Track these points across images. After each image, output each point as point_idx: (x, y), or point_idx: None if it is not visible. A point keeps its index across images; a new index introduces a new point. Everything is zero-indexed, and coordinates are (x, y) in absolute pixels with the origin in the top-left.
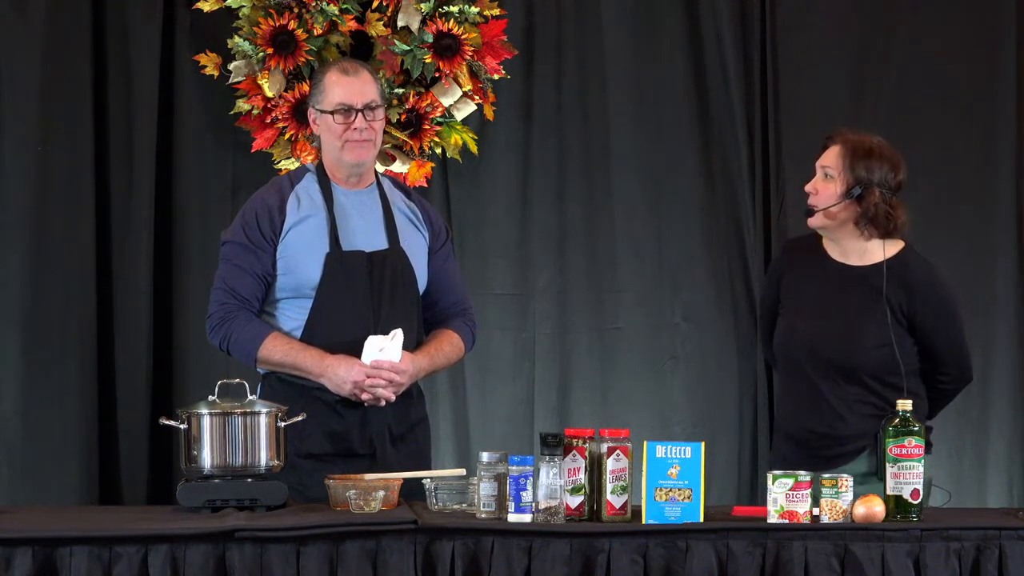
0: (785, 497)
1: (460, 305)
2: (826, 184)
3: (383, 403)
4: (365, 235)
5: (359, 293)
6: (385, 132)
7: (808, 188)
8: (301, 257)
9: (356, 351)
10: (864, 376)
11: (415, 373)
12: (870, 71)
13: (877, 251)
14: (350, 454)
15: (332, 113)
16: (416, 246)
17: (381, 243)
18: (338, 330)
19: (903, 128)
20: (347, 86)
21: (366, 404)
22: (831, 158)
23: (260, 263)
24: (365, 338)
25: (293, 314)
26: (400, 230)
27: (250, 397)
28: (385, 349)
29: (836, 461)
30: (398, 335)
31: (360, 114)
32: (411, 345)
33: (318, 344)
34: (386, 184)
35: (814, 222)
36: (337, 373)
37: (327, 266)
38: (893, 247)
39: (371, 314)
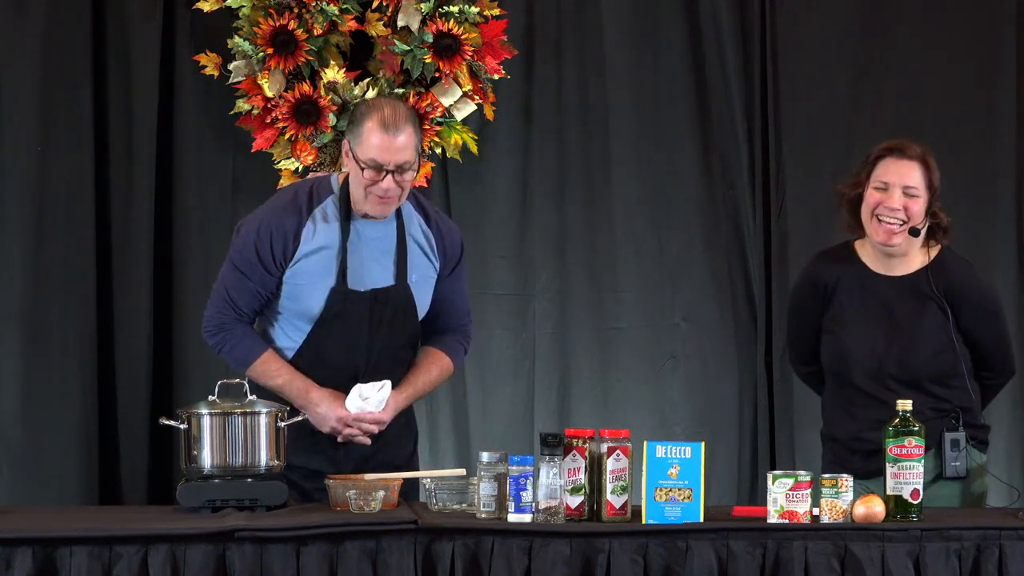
0: (785, 497)
1: (458, 321)
2: (914, 201)
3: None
4: (373, 272)
5: (356, 330)
6: None
7: (894, 205)
8: (307, 287)
9: (342, 384)
10: (926, 383)
11: (393, 415)
12: (870, 71)
13: (916, 256)
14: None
15: (362, 168)
16: (423, 278)
17: (387, 279)
18: (330, 361)
19: (903, 128)
20: (384, 145)
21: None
22: (912, 176)
23: (265, 285)
24: (353, 372)
25: (291, 333)
26: (410, 263)
27: (250, 397)
28: (370, 399)
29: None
30: (386, 386)
31: (390, 175)
32: (401, 374)
33: (307, 368)
34: (406, 209)
35: (899, 238)
36: (318, 411)
37: (330, 300)
38: (933, 250)
39: (364, 354)
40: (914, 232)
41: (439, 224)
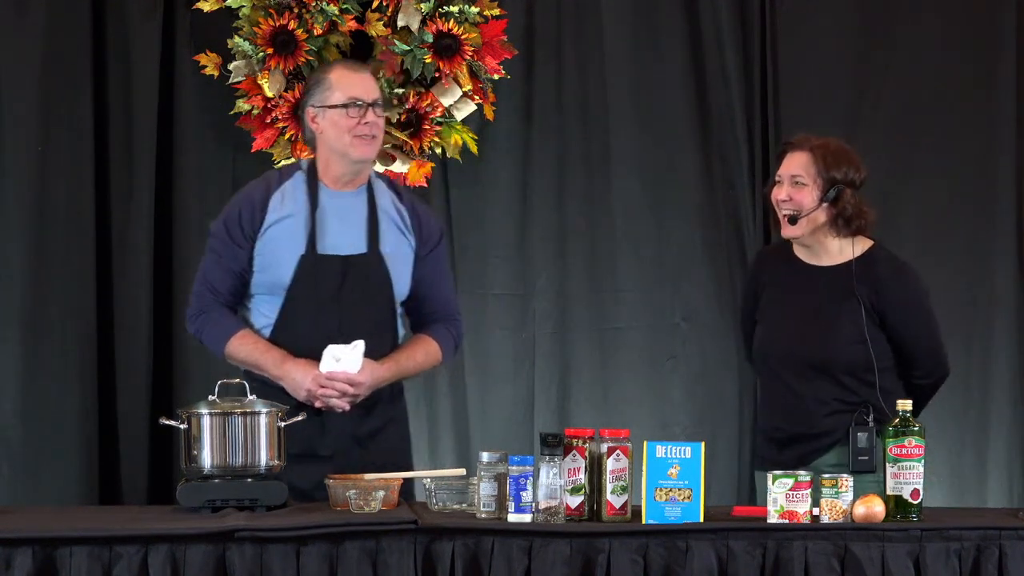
0: (785, 497)
1: (445, 310)
2: (799, 190)
3: (339, 410)
4: (344, 238)
5: (328, 297)
6: (385, 132)
7: (781, 197)
8: (276, 256)
9: (320, 355)
10: (839, 373)
11: (374, 383)
12: (870, 71)
13: (847, 250)
14: (312, 455)
15: (345, 106)
16: (399, 251)
17: (360, 247)
18: (304, 332)
19: (903, 128)
20: (357, 82)
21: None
22: (800, 165)
23: (237, 260)
24: (327, 342)
25: (265, 311)
26: (383, 234)
27: (250, 397)
28: (343, 359)
29: (807, 459)
30: (359, 346)
31: (371, 108)
32: (383, 351)
33: (284, 345)
34: (378, 186)
35: (796, 230)
36: (294, 378)
37: (300, 268)
38: (862, 245)
39: (337, 319)
40: (791, 220)
41: (414, 205)
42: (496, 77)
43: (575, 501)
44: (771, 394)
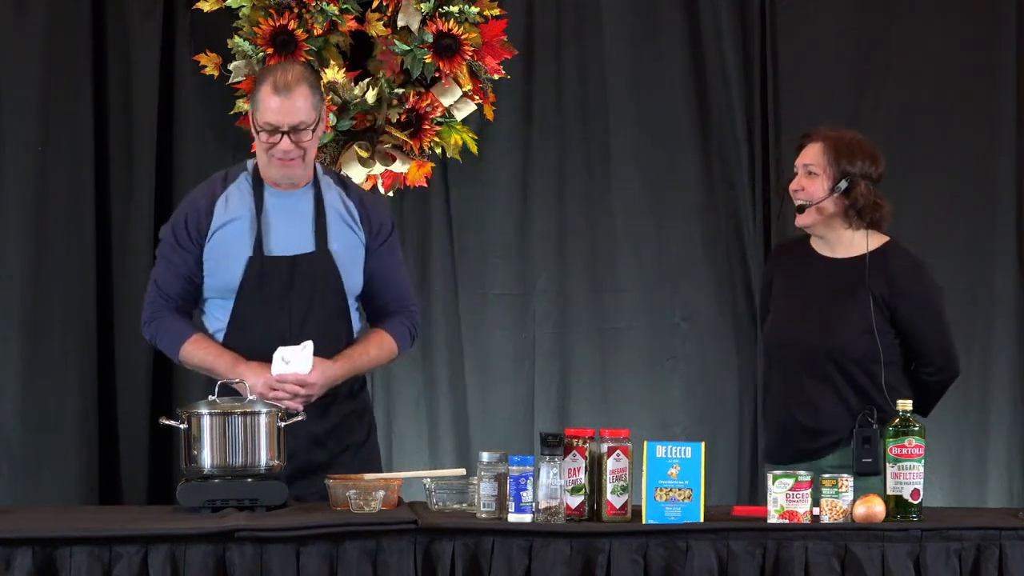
0: (785, 497)
1: (400, 302)
2: (811, 181)
3: (293, 412)
4: (291, 239)
5: (277, 298)
6: (385, 132)
7: (793, 187)
8: (224, 260)
9: (271, 357)
10: (846, 364)
11: (327, 382)
12: (870, 71)
13: (862, 244)
14: None
15: (258, 131)
16: (348, 247)
17: (307, 246)
18: (256, 334)
19: (903, 128)
20: (276, 107)
21: None
22: (813, 156)
23: (186, 264)
24: (279, 343)
25: (218, 315)
26: (330, 232)
27: (250, 397)
28: (292, 361)
29: (811, 455)
30: (308, 346)
31: (286, 136)
32: (337, 348)
33: (238, 348)
34: (324, 182)
35: (805, 219)
36: (247, 381)
37: (247, 270)
38: (877, 240)
39: (287, 319)
40: (799, 208)
41: (362, 197)
42: (496, 77)
43: (575, 501)
44: (775, 384)
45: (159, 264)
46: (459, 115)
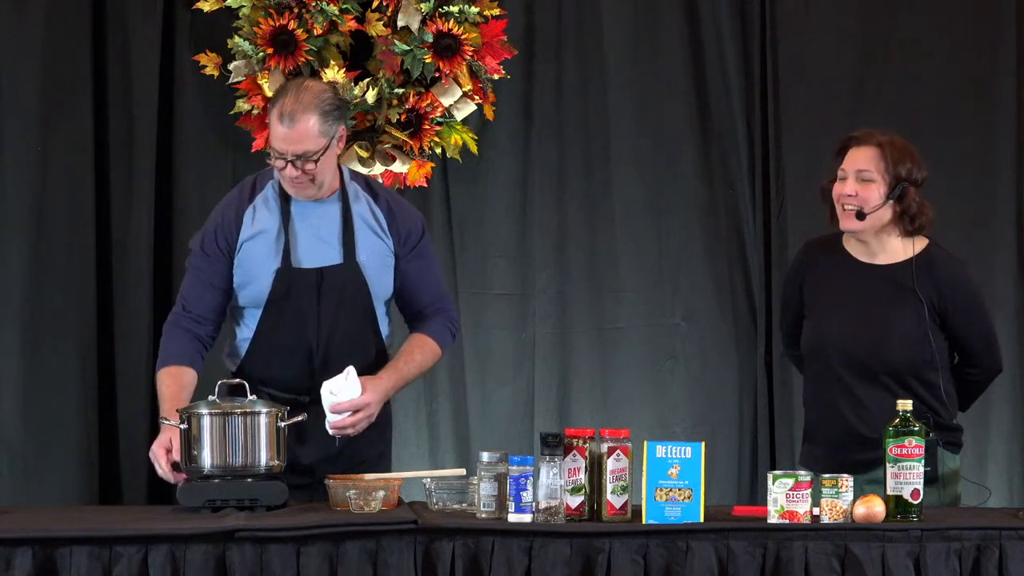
0: (785, 497)
1: (436, 304)
2: (866, 186)
3: (354, 434)
4: (319, 250)
5: (305, 309)
6: (385, 132)
7: (847, 191)
8: (254, 272)
9: (299, 369)
10: (902, 373)
11: (382, 397)
12: (870, 71)
13: (900, 249)
14: (294, 469)
15: (269, 154)
16: (377, 256)
17: (335, 258)
18: (281, 346)
19: (903, 128)
20: (281, 135)
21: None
22: (867, 160)
23: (217, 274)
24: (306, 354)
25: (249, 322)
26: (359, 242)
27: (250, 397)
28: (340, 391)
29: (864, 466)
30: (350, 372)
31: (291, 164)
32: (368, 358)
33: (262, 357)
34: (352, 189)
35: (857, 224)
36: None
37: (276, 282)
38: (919, 243)
39: (315, 331)
40: (859, 215)
41: (390, 204)
42: (496, 77)
43: (575, 501)
44: (824, 393)
45: (188, 275)
46: (459, 115)
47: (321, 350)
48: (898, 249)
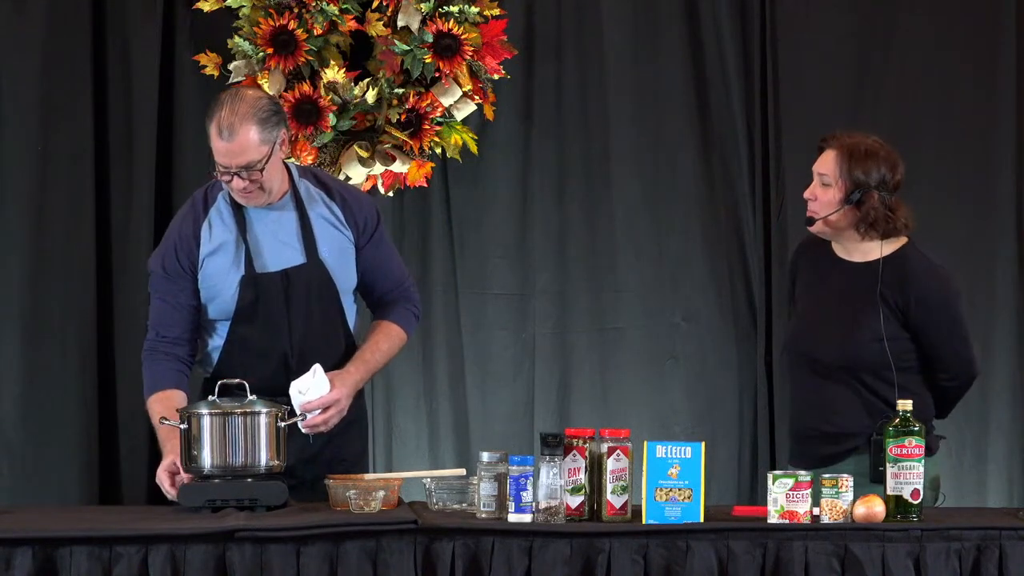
0: (785, 497)
1: (398, 289)
2: (824, 191)
3: (326, 429)
4: (280, 252)
5: (275, 314)
6: (385, 132)
7: (807, 195)
8: (219, 285)
9: (273, 373)
10: (860, 371)
11: (351, 391)
12: (870, 71)
13: (876, 249)
14: None
15: (213, 166)
16: (338, 250)
17: (298, 258)
18: (254, 352)
19: (903, 128)
20: (222, 149)
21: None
22: (827, 164)
23: (183, 293)
24: (281, 358)
25: (220, 331)
26: (319, 239)
27: (250, 397)
28: (309, 390)
29: (828, 460)
30: (317, 369)
31: (237, 176)
32: (338, 351)
33: (234, 364)
34: (303, 188)
35: (814, 230)
36: (164, 458)
37: (242, 290)
38: (894, 243)
39: (287, 335)
40: (807, 221)
41: (344, 195)
42: (496, 77)
43: (575, 501)
44: (793, 389)
45: (152, 302)
46: (459, 115)
47: (296, 351)
48: (874, 249)
